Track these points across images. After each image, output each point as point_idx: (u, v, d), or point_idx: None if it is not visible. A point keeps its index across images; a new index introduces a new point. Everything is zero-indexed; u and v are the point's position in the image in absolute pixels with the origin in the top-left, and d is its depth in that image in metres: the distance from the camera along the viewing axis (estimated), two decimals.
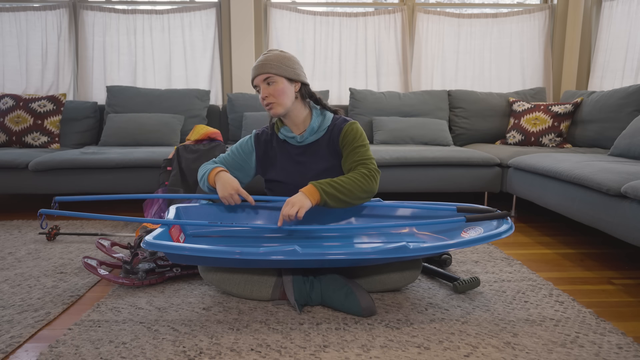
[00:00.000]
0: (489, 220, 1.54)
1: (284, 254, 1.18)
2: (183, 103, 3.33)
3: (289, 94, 1.55)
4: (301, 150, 1.62)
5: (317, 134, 1.61)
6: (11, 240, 2.15)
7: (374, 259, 1.23)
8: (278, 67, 1.53)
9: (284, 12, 3.64)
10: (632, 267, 1.82)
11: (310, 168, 1.61)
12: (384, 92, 3.43)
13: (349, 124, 1.59)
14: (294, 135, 1.61)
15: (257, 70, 1.53)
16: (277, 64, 1.53)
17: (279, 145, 1.66)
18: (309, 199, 1.43)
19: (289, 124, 1.63)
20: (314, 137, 1.61)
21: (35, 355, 1.14)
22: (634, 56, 3.14)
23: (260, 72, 1.53)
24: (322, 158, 1.61)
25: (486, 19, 3.69)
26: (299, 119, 1.61)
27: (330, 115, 1.64)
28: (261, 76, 1.53)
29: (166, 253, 1.21)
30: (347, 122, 1.61)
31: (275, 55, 1.55)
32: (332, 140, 1.61)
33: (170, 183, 2.26)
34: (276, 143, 1.66)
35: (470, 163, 2.66)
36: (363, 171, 1.51)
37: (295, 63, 1.57)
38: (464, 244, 1.28)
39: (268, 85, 1.54)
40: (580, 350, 1.15)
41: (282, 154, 1.65)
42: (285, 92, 1.54)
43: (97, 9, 3.58)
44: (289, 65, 1.55)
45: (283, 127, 1.63)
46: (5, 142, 3.09)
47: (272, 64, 1.52)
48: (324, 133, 1.62)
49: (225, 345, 1.17)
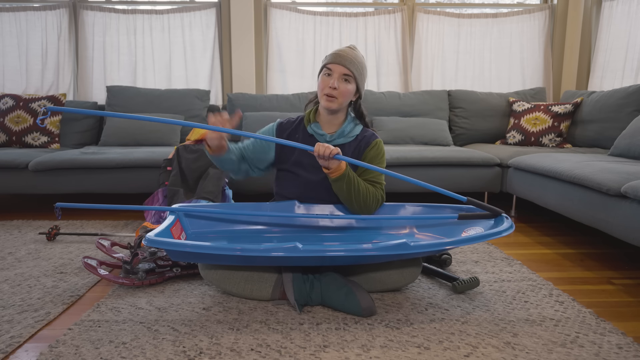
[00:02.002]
0: (487, 219, 1.55)
1: (285, 250, 1.18)
2: (183, 103, 3.33)
3: (349, 99, 1.59)
4: None
5: (345, 138, 1.63)
6: (11, 240, 2.15)
7: (375, 256, 1.23)
8: (360, 72, 1.57)
9: (284, 12, 3.64)
10: (632, 267, 1.82)
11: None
12: (384, 92, 3.43)
13: (377, 141, 1.64)
14: (323, 133, 1.62)
15: (343, 61, 1.53)
16: (362, 69, 1.57)
17: (305, 138, 1.66)
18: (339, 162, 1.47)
19: (323, 122, 1.64)
20: (342, 140, 1.63)
21: (35, 355, 1.14)
22: (634, 56, 3.14)
23: (345, 64, 1.53)
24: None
25: (486, 19, 3.69)
26: (336, 120, 1.63)
27: (361, 126, 1.67)
28: (343, 69, 1.53)
29: (168, 250, 1.21)
30: (375, 137, 1.65)
31: (360, 58, 1.58)
32: (359, 150, 1.63)
33: (170, 183, 2.26)
34: (301, 135, 1.66)
35: (470, 163, 2.66)
36: (377, 192, 1.59)
37: (366, 74, 1.63)
38: (464, 242, 1.28)
39: (343, 80, 1.55)
40: (580, 350, 1.15)
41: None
42: (350, 95, 1.58)
43: (97, 9, 3.58)
44: (365, 76, 1.60)
45: (315, 122, 1.64)
46: (5, 142, 3.09)
47: (358, 66, 1.55)
48: (352, 140, 1.64)
49: (225, 345, 1.17)
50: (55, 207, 1.36)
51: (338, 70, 1.54)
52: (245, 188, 2.69)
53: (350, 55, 1.55)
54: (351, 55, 1.55)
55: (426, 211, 1.70)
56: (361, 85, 1.60)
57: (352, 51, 1.57)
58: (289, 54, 3.68)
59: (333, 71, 1.55)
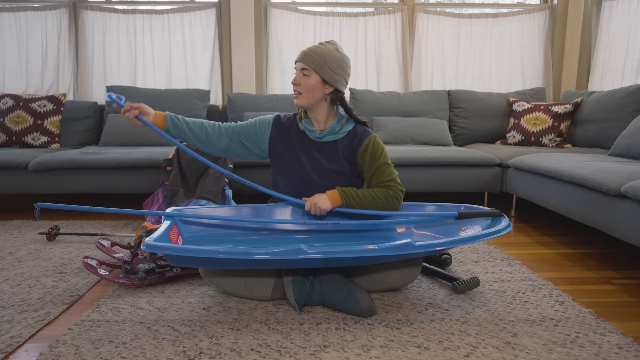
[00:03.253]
0: (484, 219, 1.56)
1: (290, 253, 1.18)
2: (183, 103, 3.33)
3: (317, 93, 1.55)
4: (318, 146, 1.63)
5: (336, 135, 1.62)
6: (11, 240, 2.15)
7: (380, 257, 1.23)
8: (318, 65, 1.52)
9: (284, 12, 3.64)
10: (632, 267, 1.82)
11: (322, 165, 1.61)
12: (384, 92, 3.43)
13: (370, 137, 1.60)
14: (313, 129, 1.61)
15: (300, 57, 1.55)
16: (321, 61, 1.52)
17: (297, 134, 1.65)
18: (330, 203, 1.53)
19: (312, 118, 1.64)
20: (332, 137, 1.62)
21: (35, 355, 1.14)
22: (634, 56, 3.14)
23: (301, 59, 1.54)
24: (336, 159, 1.61)
25: (486, 19, 3.69)
26: (320, 117, 1.62)
27: (353, 123, 1.64)
28: (300, 64, 1.54)
29: (167, 255, 1.20)
30: (369, 134, 1.62)
31: (325, 50, 1.54)
32: (350, 147, 1.61)
33: (170, 183, 2.26)
34: (295, 131, 1.66)
35: (470, 163, 2.66)
36: (389, 192, 1.56)
37: (339, 67, 1.55)
38: (467, 240, 1.30)
39: (303, 75, 1.55)
40: (580, 350, 1.15)
41: (299, 143, 1.64)
42: (314, 89, 1.54)
43: (97, 9, 3.58)
44: (331, 67, 1.53)
45: (306, 119, 1.64)
46: (5, 142, 3.09)
47: (315, 59, 1.52)
48: (344, 136, 1.63)
49: (225, 345, 1.17)
50: (35, 207, 1.35)
51: (298, 67, 1.56)
52: (245, 188, 2.69)
53: (311, 50, 1.54)
54: (312, 49, 1.53)
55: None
56: (328, 78, 1.54)
57: (318, 46, 1.55)
58: (289, 54, 3.68)
59: (297, 68, 1.57)
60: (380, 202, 1.55)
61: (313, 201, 1.53)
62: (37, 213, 1.34)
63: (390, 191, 1.56)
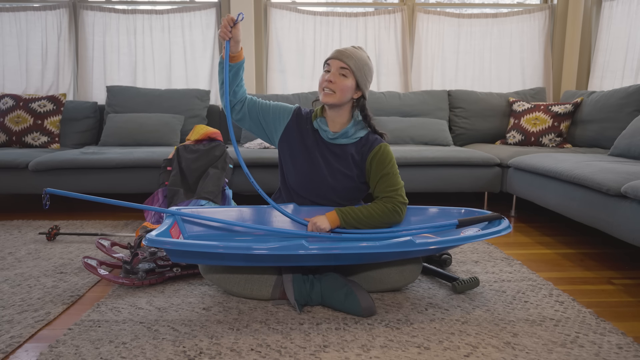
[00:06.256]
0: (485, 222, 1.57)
1: (291, 248, 1.18)
2: (183, 103, 3.33)
3: (348, 94, 1.57)
4: (328, 147, 1.63)
5: (348, 139, 1.62)
6: (11, 240, 2.15)
7: (381, 254, 1.23)
8: (358, 68, 1.55)
9: (284, 12, 3.63)
10: (632, 267, 1.82)
11: (331, 167, 1.62)
12: (384, 92, 3.43)
13: (381, 145, 1.61)
14: (327, 130, 1.62)
15: (340, 56, 1.54)
16: (360, 64, 1.55)
17: (313, 131, 1.66)
18: (329, 223, 1.55)
19: (328, 118, 1.64)
20: (344, 140, 1.62)
21: (35, 355, 1.14)
22: (634, 56, 3.14)
23: (341, 58, 1.54)
24: (346, 163, 1.62)
25: (486, 19, 3.69)
26: (338, 119, 1.62)
27: (367, 130, 1.65)
28: (340, 62, 1.54)
29: (168, 251, 1.21)
30: (380, 142, 1.63)
31: (363, 56, 1.57)
32: (361, 153, 1.62)
33: (170, 183, 2.26)
34: (310, 127, 1.67)
35: (470, 163, 2.66)
36: (387, 206, 1.57)
37: (370, 75, 1.60)
38: (467, 240, 1.30)
39: (340, 75, 1.55)
40: (580, 350, 1.15)
41: (313, 140, 1.65)
42: (348, 91, 1.56)
43: (97, 9, 3.58)
44: (365, 73, 1.57)
45: (321, 117, 1.64)
46: (5, 142, 3.09)
47: (356, 61, 1.54)
48: (355, 141, 1.63)
49: (225, 345, 1.17)
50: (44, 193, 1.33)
51: (335, 65, 1.55)
52: (245, 188, 2.68)
53: (349, 51, 1.55)
54: (351, 51, 1.55)
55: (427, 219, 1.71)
56: (362, 83, 1.57)
57: (354, 49, 1.57)
58: (289, 54, 3.68)
59: (331, 66, 1.56)
60: (379, 217, 1.56)
61: (313, 221, 1.56)
62: (46, 199, 1.33)
63: (388, 204, 1.57)
